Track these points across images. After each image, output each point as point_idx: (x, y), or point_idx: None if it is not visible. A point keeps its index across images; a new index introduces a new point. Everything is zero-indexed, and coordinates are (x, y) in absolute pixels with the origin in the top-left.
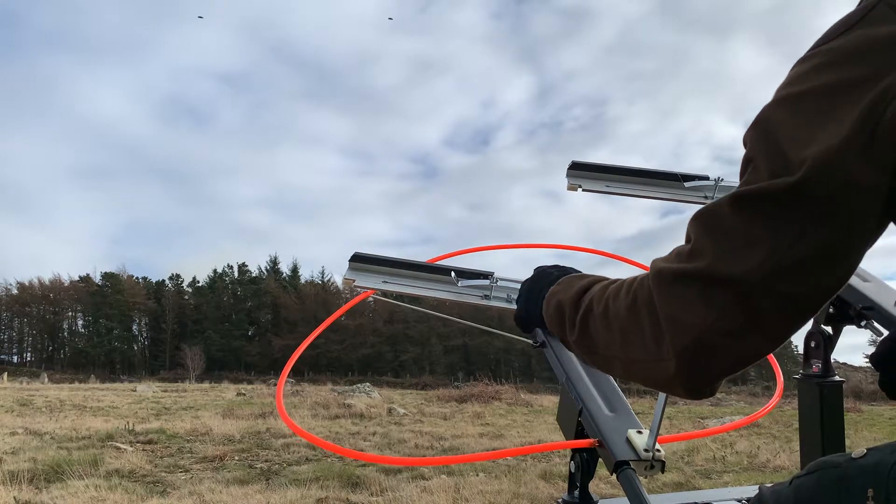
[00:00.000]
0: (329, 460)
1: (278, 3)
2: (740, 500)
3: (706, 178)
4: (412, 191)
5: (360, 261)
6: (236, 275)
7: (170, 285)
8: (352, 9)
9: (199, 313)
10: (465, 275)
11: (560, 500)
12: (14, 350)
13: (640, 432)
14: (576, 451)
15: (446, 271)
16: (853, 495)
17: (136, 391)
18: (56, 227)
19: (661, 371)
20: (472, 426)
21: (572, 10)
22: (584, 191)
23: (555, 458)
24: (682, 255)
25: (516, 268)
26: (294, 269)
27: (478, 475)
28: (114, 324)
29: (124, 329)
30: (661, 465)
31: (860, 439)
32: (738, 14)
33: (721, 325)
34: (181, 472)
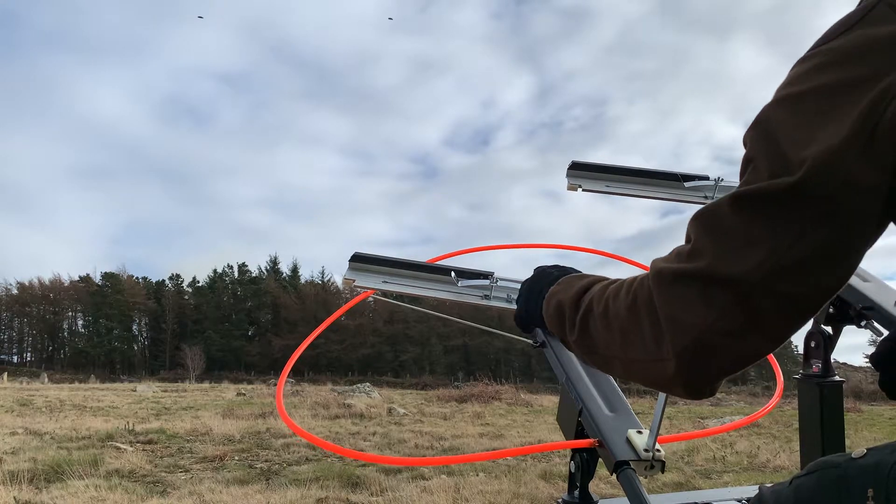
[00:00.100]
0: (329, 460)
1: (278, 3)
2: (740, 500)
3: (706, 178)
4: (412, 191)
5: (360, 261)
6: (236, 275)
7: (170, 285)
8: (352, 9)
9: (199, 313)
10: (465, 275)
11: (560, 500)
12: (14, 350)
13: (640, 432)
14: (576, 451)
15: (446, 271)
16: (853, 495)
17: (136, 391)
18: (56, 227)
19: (661, 371)
20: (472, 426)
21: (572, 10)
22: (584, 191)
23: (555, 458)
24: (681, 255)
25: (516, 268)
26: (294, 269)
27: (478, 475)
28: (114, 324)
29: (124, 329)
30: (661, 465)
31: (860, 439)
32: (738, 14)
33: (721, 325)
34: (181, 472)
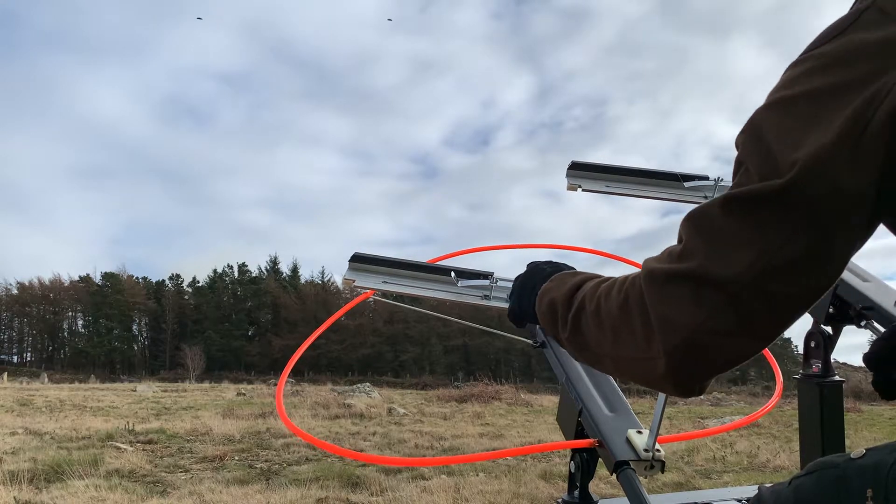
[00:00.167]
0: (329, 460)
1: (278, 3)
2: (740, 500)
3: (706, 178)
4: (412, 191)
5: (360, 261)
6: (236, 275)
7: (170, 285)
8: (352, 9)
9: (199, 313)
10: (464, 275)
11: (560, 500)
12: (14, 350)
13: (640, 432)
14: (576, 451)
15: (446, 271)
16: (852, 495)
17: (136, 391)
18: (56, 227)
19: (651, 369)
20: (472, 426)
21: (572, 10)
22: (583, 191)
23: (555, 458)
24: (673, 255)
25: (516, 268)
26: (294, 269)
27: (478, 475)
28: (114, 324)
29: (124, 329)
30: (661, 465)
31: (860, 439)
32: (738, 14)
33: (712, 325)
34: (181, 471)
